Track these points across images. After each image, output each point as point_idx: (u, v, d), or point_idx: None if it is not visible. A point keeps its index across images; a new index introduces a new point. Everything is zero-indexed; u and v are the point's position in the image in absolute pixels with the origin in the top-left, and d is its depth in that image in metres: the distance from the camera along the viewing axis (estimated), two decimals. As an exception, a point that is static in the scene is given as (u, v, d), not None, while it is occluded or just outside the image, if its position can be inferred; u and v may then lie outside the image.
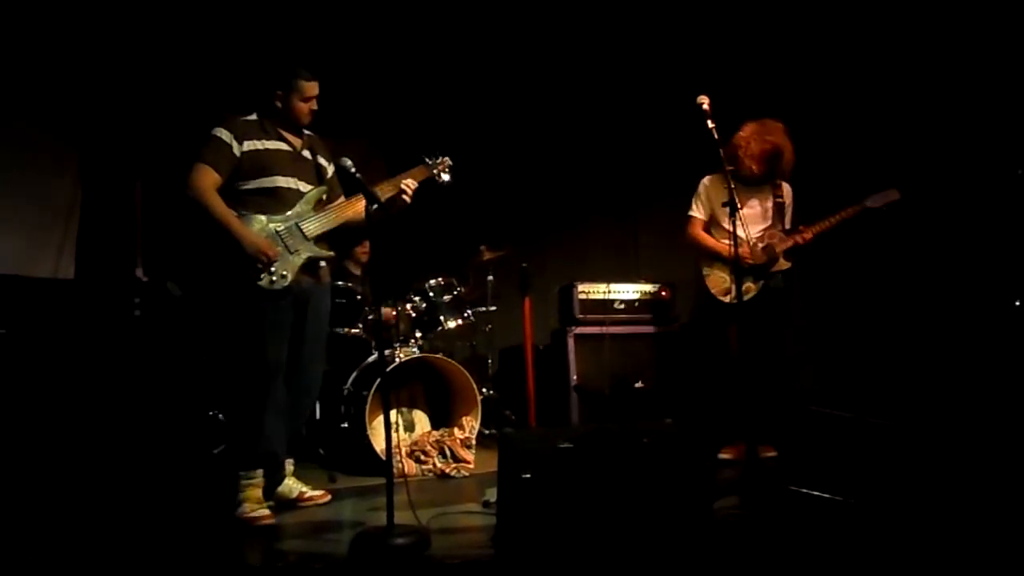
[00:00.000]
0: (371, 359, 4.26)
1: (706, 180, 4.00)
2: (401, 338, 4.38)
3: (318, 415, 4.26)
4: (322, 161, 3.25)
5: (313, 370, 3.26)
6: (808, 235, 3.78)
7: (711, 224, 3.98)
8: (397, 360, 4.06)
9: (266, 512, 2.98)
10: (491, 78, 5.77)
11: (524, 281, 4.55)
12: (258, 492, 3.04)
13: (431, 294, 4.49)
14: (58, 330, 4.13)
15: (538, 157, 5.93)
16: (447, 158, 3.46)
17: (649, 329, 4.66)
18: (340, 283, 4.37)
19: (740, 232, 3.28)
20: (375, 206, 2.79)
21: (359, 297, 4.49)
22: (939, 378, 4.28)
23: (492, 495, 2.89)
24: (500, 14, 5.38)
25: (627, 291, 4.69)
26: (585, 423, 4.35)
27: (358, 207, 3.13)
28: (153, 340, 4.37)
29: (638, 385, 4.49)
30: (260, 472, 3.06)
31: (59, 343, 4.09)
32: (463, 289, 4.64)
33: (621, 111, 5.67)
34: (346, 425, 4.09)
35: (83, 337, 4.17)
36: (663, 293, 4.74)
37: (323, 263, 3.19)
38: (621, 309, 4.67)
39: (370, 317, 4.49)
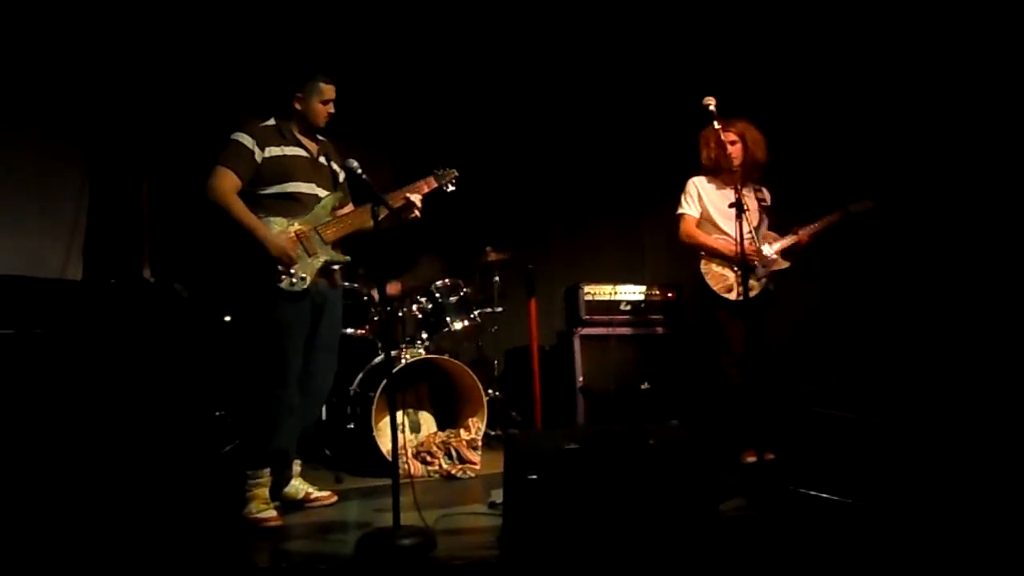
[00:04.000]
0: (377, 360, 4.27)
1: (696, 180, 4.02)
2: (407, 339, 4.39)
3: (324, 416, 4.26)
4: (336, 167, 3.30)
5: (326, 372, 3.28)
6: (805, 236, 3.88)
7: (701, 223, 4.00)
8: (403, 361, 4.07)
9: (273, 513, 2.99)
10: (498, 79, 5.77)
11: (530, 282, 4.55)
12: (265, 492, 3.05)
13: (437, 295, 4.50)
14: (65, 331, 4.15)
15: (543, 158, 5.92)
16: (454, 170, 3.50)
17: (655, 330, 4.64)
18: (346, 284, 4.38)
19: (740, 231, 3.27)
20: (380, 207, 2.82)
21: (365, 298, 4.50)
22: (943, 380, 4.26)
23: (498, 496, 2.89)
24: (507, 17, 5.38)
25: (633, 292, 4.67)
26: (591, 424, 4.34)
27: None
28: (160, 341, 4.38)
29: (644, 386, 4.48)
30: (267, 471, 3.07)
31: (66, 344, 4.10)
32: (469, 290, 4.64)
33: (626, 112, 5.65)
34: (352, 426, 4.09)
35: (90, 338, 4.18)
36: (669, 294, 4.72)
37: (337, 267, 3.22)
38: (627, 310, 4.65)
39: (375, 318, 4.51)
